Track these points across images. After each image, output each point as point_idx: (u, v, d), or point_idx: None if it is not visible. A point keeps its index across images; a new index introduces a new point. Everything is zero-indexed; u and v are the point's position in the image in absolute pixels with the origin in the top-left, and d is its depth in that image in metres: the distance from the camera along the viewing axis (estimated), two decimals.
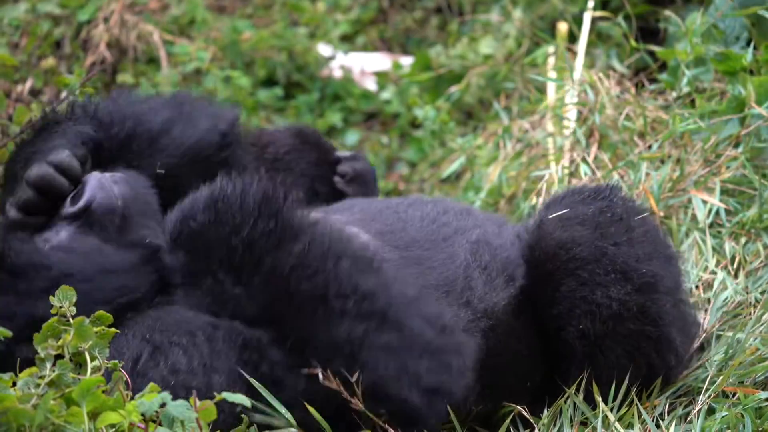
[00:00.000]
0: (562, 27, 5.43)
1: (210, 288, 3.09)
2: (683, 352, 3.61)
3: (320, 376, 2.98)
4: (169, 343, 3.04)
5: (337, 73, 6.46)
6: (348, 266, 3.07)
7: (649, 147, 4.56)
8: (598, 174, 4.51)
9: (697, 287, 3.94)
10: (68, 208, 3.24)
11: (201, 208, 3.12)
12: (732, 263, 4.05)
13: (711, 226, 4.20)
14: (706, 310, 3.85)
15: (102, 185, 3.25)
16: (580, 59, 5.10)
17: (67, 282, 2.96)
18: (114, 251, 3.21)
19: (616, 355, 3.47)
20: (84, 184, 3.25)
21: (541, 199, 4.54)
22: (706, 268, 4.05)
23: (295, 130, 4.51)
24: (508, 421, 3.38)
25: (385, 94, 6.35)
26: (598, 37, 5.61)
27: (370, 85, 6.49)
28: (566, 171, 4.62)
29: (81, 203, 3.23)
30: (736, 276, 4.00)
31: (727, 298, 3.87)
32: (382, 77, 6.47)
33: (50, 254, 3.14)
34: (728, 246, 4.09)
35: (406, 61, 6.50)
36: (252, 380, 2.99)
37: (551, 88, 5.19)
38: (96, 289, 3.11)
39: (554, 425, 3.40)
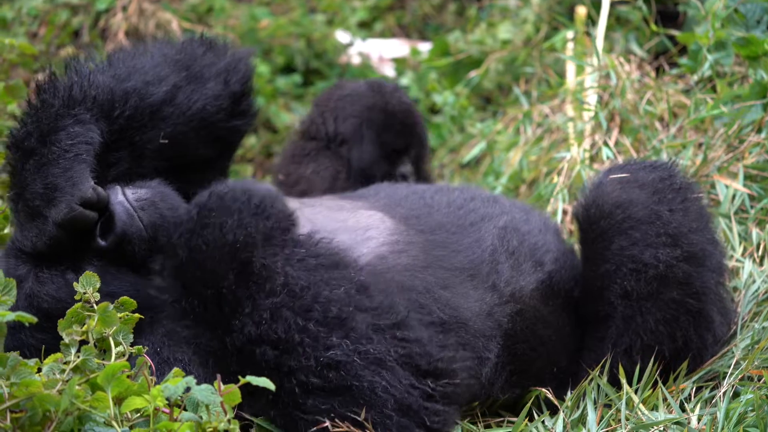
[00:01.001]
0: (581, 11, 5.41)
1: (191, 325, 3.03)
2: (720, 334, 3.63)
3: (329, 426, 2.98)
4: (174, 359, 3.05)
5: (356, 60, 6.45)
6: (315, 329, 2.98)
7: (670, 132, 4.54)
8: (620, 158, 4.49)
9: (727, 279, 3.92)
10: (99, 242, 3.17)
11: (178, 242, 3.02)
12: (757, 250, 4.03)
13: (735, 213, 4.17)
14: (733, 300, 3.83)
15: (129, 214, 3.18)
16: (599, 43, 5.08)
17: None
18: (140, 278, 3.19)
19: (655, 319, 3.50)
20: (111, 214, 3.18)
21: (562, 179, 4.54)
22: (732, 256, 4.03)
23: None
24: (530, 402, 3.39)
25: (404, 80, 6.34)
26: (616, 21, 5.58)
27: (389, 71, 6.48)
28: (587, 154, 4.60)
29: (112, 238, 3.17)
30: (761, 263, 3.99)
31: (757, 289, 3.85)
32: (400, 63, 6.46)
33: None
34: (755, 233, 4.07)
35: (424, 47, 6.48)
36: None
37: (571, 72, 5.17)
38: None
39: (578, 408, 3.39)
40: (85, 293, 2.87)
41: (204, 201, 3.04)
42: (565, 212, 4.48)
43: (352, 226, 3.45)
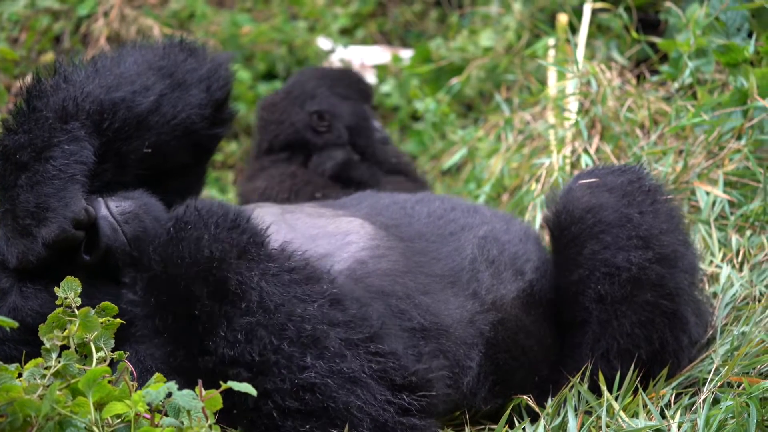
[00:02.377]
0: (563, 18, 5.43)
1: (165, 345, 3.03)
2: (696, 336, 3.65)
3: None
4: (157, 369, 3.02)
5: (337, 66, 6.45)
6: (289, 349, 2.96)
7: (651, 139, 4.55)
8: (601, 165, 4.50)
9: (701, 281, 3.93)
10: (83, 257, 3.16)
11: (153, 257, 3.02)
12: (737, 256, 4.05)
13: (715, 219, 4.19)
14: (712, 305, 3.85)
15: (113, 228, 3.18)
16: (580, 51, 5.09)
17: None
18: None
19: (631, 322, 3.51)
20: (96, 228, 3.17)
21: (540, 186, 4.56)
22: (711, 261, 4.05)
23: None
24: (509, 408, 3.40)
25: (385, 87, 6.35)
26: (598, 28, 5.61)
27: (370, 78, 6.48)
28: (567, 160, 4.62)
29: (97, 255, 3.17)
30: (740, 269, 4.00)
31: (735, 293, 3.87)
32: (381, 70, 6.46)
33: None
34: (734, 239, 4.09)
35: (406, 54, 6.49)
36: None
37: (552, 79, 5.18)
38: None
39: (558, 415, 3.40)
40: (66, 298, 2.86)
41: (180, 214, 3.03)
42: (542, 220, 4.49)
43: (332, 231, 3.45)
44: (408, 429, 3.06)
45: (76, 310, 2.84)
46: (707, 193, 4.23)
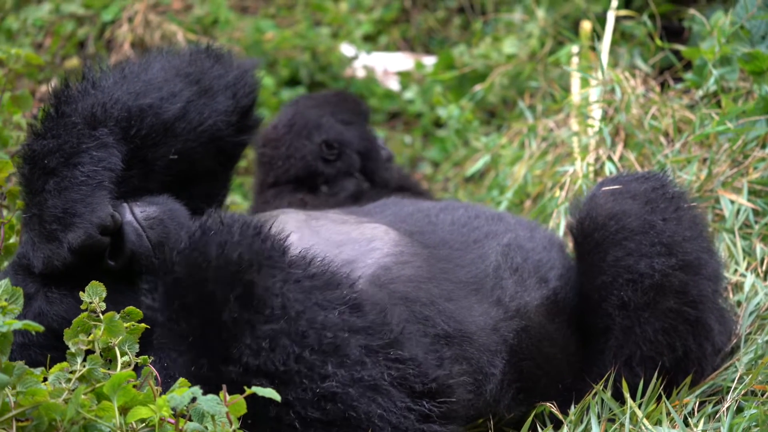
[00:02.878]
0: (586, 26, 5.42)
1: (187, 353, 2.98)
2: (720, 344, 3.63)
3: None
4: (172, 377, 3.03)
5: (360, 73, 6.47)
6: (311, 358, 2.94)
7: (675, 147, 4.54)
8: (624, 173, 4.49)
9: (725, 289, 3.92)
10: (108, 263, 3.16)
11: (176, 260, 2.98)
12: (761, 265, 4.04)
13: (739, 228, 4.18)
14: (736, 314, 3.84)
15: (138, 234, 3.18)
16: (604, 58, 5.08)
17: None
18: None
19: (654, 329, 3.50)
20: (121, 234, 3.17)
21: (564, 194, 4.55)
22: (736, 270, 4.04)
23: None
24: (532, 415, 3.39)
25: (408, 94, 6.36)
26: (621, 36, 5.60)
27: (393, 84, 6.49)
28: (591, 168, 4.61)
29: (122, 260, 3.17)
30: (765, 278, 3.99)
31: (759, 302, 3.86)
32: (404, 77, 6.48)
33: None
34: (759, 248, 4.07)
35: (429, 60, 6.50)
36: None
37: (576, 86, 5.17)
38: None
39: (581, 422, 3.40)
40: (91, 303, 2.87)
41: (204, 221, 3.02)
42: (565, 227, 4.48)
43: (356, 237, 3.45)
44: None
45: (101, 315, 2.85)
46: (732, 202, 4.21)
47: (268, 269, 2.97)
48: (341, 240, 3.43)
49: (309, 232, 3.48)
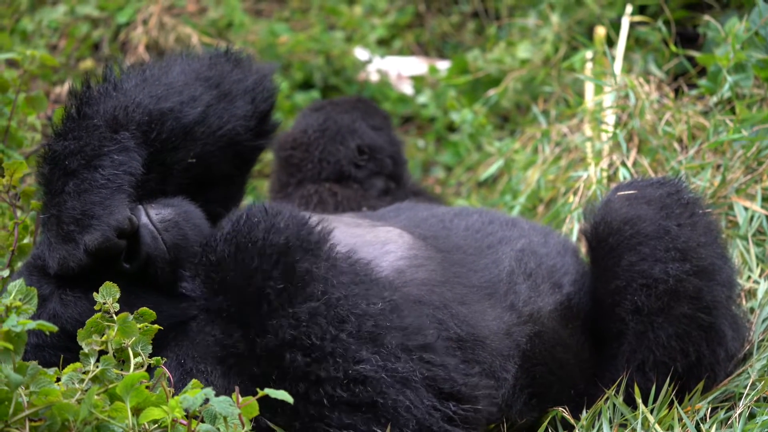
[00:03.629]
0: (600, 31, 5.42)
1: (221, 326, 3.05)
2: (733, 350, 3.63)
3: None
4: (197, 370, 3.05)
5: (374, 77, 6.48)
6: (348, 340, 2.99)
7: (689, 153, 4.53)
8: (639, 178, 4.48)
9: (739, 296, 3.91)
10: (124, 265, 3.16)
11: (221, 240, 3.06)
12: None
13: (753, 235, 4.17)
14: (749, 321, 3.83)
15: (153, 236, 3.18)
16: (618, 64, 5.08)
17: None
18: (163, 297, 3.19)
19: (667, 334, 3.50)
20: (136, 237, 3.17)
21: (578, 199, 4.55)
22: (749, 277, 4.03)
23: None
24: (546, 422, 3.38)
25: (422, 98, 6.36)
26: (635, 42, 5.59)
27: (407, 89, 6.50)
28: (605, 173, 4.61)
29: (137, 263, 3.17)
30: None
31: None
32: (418, 81, 6.48)
33: None
34: None
35: (443, 65, 6.50)
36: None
37: (589, 92, 5.17)
38: None
39: (593, 427, 3.39)
40: (104, 303, 2.88)
41: (249, 210, 3.09)
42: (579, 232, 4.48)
43: (371, 240, 3.46)
44: None
45: (114, 316, 2.86)
46: (745, 209, 4.21)
47: (312, 256, 3.03)
48: (355, 243, 3.43)
49: None
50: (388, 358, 3.01)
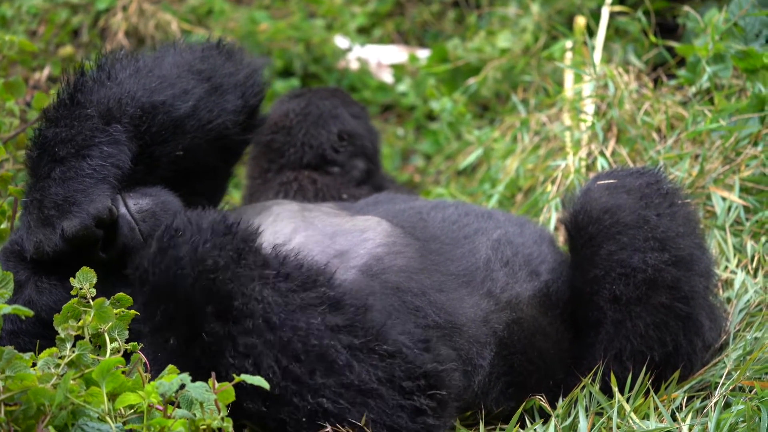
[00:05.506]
0: (580, 21, 5.42)
1: (152, 340, 2.97)
2: (710, 340, 3.65)
3: None
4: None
5: (354, 65, 6.47)
6: (299, 371, 2.94)
7: (668, 143, 4.55)
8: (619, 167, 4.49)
9: (716, 286, 3.93)
10: (100, 254, 3.16)
11: (150, 261, 2.95)
12: (752, 262, 4.05)
13: (730, 225, 4.19)
14: (725, 311, 3.85)
15: (131, 227, 3.18)
16: (597, 53, 5.09)
17: None
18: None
19: (645, 324, 3.51)
20: (116, 230, 3.18)
21: (556, 188, 4.56)
22: (726, 267, 4.05)
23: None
24: (521, 409, 3.39)
25: (402, 87, 6.36)
26: (615, 32, 5.60)
27: (387, 77, 6.49)
28: (583, 163, 4.61)
29: (113, 252, 3.17)
30: (755, 275, 4.00)
31: (749, 299, 3.87)
32: (398, 70, 6.47)
33: None
34: (749, 245, 4.08)
35: (423, 54, 6.50)
36: None
37: (569, 81, 5.18)
38: None
39: (569, 415, 3.40)
40: (81, 289, 2.87)
41: (171, 223, 2.99)
42: (558, 221, 4.48)
43: (349, 228, 3.46)
44: (423, 430, 3.06)
45: (90, 301, 2.85)
46: (723, 199, 4.23)
47: (241, 270, 2.95)
48: (334, 231, 3.44)
49: (303, 223, 3.48)
50: (341, 374, 2.97)
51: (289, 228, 3.43)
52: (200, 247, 2.92)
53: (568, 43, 5.42)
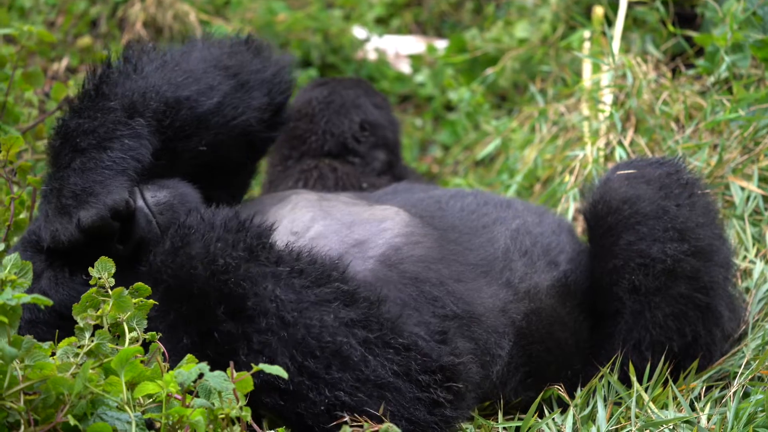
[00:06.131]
0: (598, 11, 5.40)
1: (166, 338, 2.97)
2: (729, 330, 3.65)
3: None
4: None
5: (372, 56, 6.46)
6: (314, 366, 2.96)
7: (686, 133, 4.53)
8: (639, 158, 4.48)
9: (735, 276, 3.91)
10: (117, 246, 3.17)
11: (163, 259, 3.00)
12: None
13: (749, 215, 4.17)
14: (744, 301, 3.84)
15: (148, 220, 3.19)
16: (616, 43, 5.07)
17: None
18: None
19: (664, 314, 3.51)
20: (133, 222, 3.18)
21: (573, 178, 4.55)
22: (745, 257, 4.03)
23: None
24: (539, 398, 3.38)
25: (419, 77, 6.35)
26: (633, 22, 5.58)
27: (404, 67, 6.49)
28: (602, 153, 4.60)
29: (130, 245, 3.18)
30: None
31: None
32: (416, 60, 6.47)
33: None
34: None
35: (441, 44, 6.49)
36: None
37: (587, 71, 5.16)
38: None
39: (588, 405, 3.39)
40: (99, 278, 2.88)
41: (183, 220, 3.03)
42: (577, 211, 4.48)
43: (368, 218, 3.45)
44: (442, 422, 3.07)
45: (109, 291, 2.86)
46: (742, 189, 4.21)
47: (254, 267, 2.97)
48: (352, 220, 3.44)
49: (321, 213, 3.47)
50: (357, 368, 2.98)
51: (308, 217, 3.43)
52: (212, 246, 2.95)
53: (586, 33, 5.40)
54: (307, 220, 3.43)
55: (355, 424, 2.95)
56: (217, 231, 2.97)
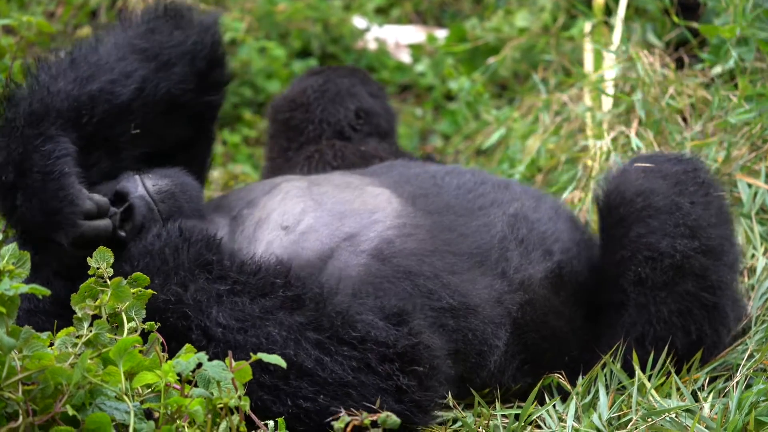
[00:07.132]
0: (599, 0, 5.39)
1: None
2: (732, 329, 3.63)
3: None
4: None
5: (372, 45, 6.45)
6: (272, 382, 2.97)
7: (694, 128, 4.51)
8: (643, 151, 4.46)
9: (741, 273, 3.91)
10: (120, 234, 3.18)
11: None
12: None
13: (756, 212, 4.17)
14: (749, 296, 3.83)
15: (150, 207, 3.20)
16: (617, 33, 5.06)
17: None
18: None
19: (669, 310, 3.50)
20: (131, 207, 3.19)
21: (581, 170, 4.54)
22: (753, 255, 4.03)
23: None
24: (538, 386, 3.37)
25: (420, 67, 6.34)
26: (635, 11, 5.56)
27: (405, 57, 6.48)
28: (606, 146, 4.58)
29: (133, 233, 3.19)
30: None
31: None
32: (416, 50, 6.45)
33: None
34: None
35: (441, 34, 6.48)
36: None
37: (589, 61, 5.15)
38: None
39: (589, 393, 3.39)
40: (98, 268, 2.87)
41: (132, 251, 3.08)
42: (580, 201, 4.46)
43: (358, 208, 3.43)
44: (413, 407, 3.06)
45: (108, 280, 2.85)
46: (749, 186, 4.20)
47: (197, 295, 3.00)
48: (343, 211, 3.41)
49: (312, 203, 3.45)
50: (314, 373, 2.98)
51: (298, 209, 3.42)
52: (155, 279, 3.00)
53: (588, 24, 5.38)
54: (297, 213, 3.41)
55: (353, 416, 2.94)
56: (155, 260, 3.04)
